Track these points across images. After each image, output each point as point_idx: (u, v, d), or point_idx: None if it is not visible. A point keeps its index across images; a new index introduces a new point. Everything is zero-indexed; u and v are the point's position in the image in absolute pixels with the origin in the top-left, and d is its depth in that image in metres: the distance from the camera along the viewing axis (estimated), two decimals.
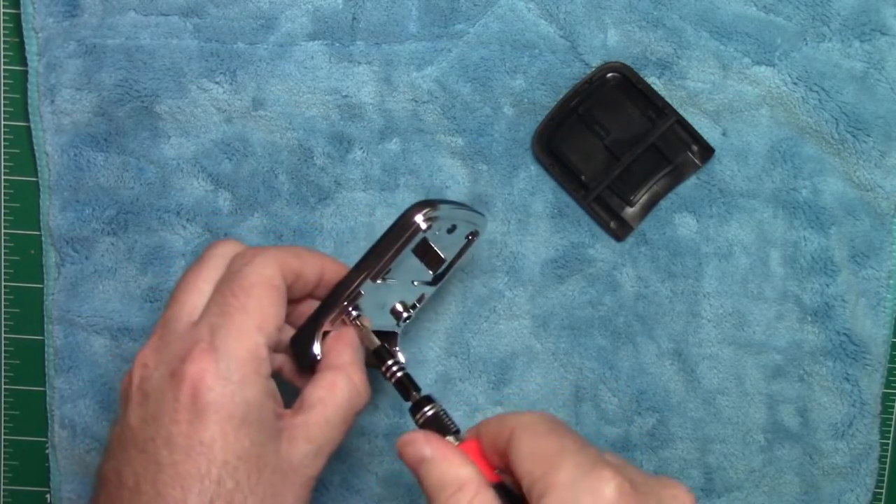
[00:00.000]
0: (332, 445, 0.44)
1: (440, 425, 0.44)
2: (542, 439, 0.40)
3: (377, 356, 0.47)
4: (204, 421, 0.41)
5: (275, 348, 0.45)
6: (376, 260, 0.48)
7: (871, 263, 0.58)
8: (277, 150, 0.57)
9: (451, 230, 0.50)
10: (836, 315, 0.58)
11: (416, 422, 0.45)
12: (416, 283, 0.51)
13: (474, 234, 0.51)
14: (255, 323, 0.43)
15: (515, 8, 0.57)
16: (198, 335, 0.42)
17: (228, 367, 0.41)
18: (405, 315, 0.51)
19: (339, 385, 0.45)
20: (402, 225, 0.47)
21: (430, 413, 0.45)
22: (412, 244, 0.48)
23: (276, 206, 0.57)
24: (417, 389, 0.46)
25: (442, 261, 0.51)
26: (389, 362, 0.47)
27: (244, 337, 0.42)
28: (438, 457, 0.42)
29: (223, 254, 0.46)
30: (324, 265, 0.47)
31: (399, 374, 0.47)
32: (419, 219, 0.47)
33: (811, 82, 0.57)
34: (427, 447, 0.42)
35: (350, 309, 0.48)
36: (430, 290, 0.52)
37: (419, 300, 0.52)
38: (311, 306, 0.48)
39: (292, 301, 0.47)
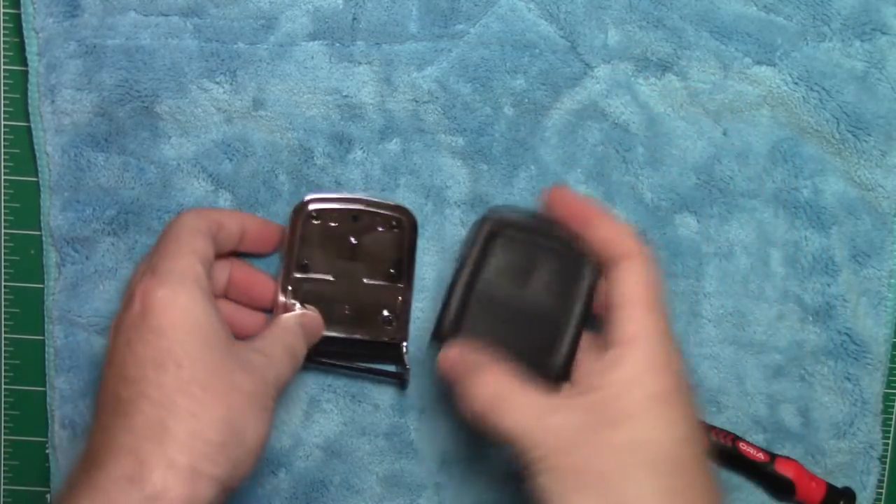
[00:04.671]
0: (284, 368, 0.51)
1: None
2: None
3: None
4: (153, 316, 0.46)
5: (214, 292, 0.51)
6: (289, 253, 0.56)
7: (872, 263, 0.58)
8: (278, 150, 0.57)
9: (358, 220, 0.56)
10: (837, 315, 0.58)
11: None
12: (366, 282, 0.56)
13: (399, 223, 0.56)
14: (188, 250, 0.49)
15: (515, 8, 0.57)
16: (141, 272, 0.49)
17: (170, 278, 0.47)
18: (389, 317, 0.57)
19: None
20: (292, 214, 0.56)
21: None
22: (300, 230, 0.55)
23: (276, 206, 0.57)
24: None
25: (353, 247, 0.56)
26: None
27: (179, 258, 0.48)
28: None
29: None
30: (244, 219, 0.55)
31: None
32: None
33: (812, 82, 0.57)
34: None
35: None
36: (407, 294, 0.57)
37: (399, 305, 0.57)
38: (244, 271, 0.56)
39: (222, 253, 0.53)
